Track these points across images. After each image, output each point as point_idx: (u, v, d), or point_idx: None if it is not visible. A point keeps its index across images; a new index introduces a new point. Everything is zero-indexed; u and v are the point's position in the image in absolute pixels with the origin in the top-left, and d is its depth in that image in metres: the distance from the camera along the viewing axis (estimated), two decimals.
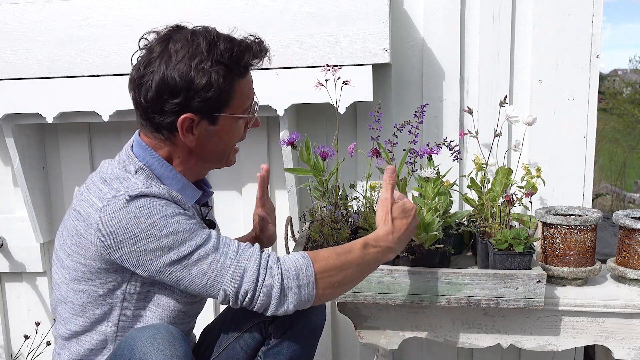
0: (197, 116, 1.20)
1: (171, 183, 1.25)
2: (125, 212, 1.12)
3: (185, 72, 1.16)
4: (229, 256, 1.16)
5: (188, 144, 1.23)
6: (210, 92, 1.17)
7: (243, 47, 1.21)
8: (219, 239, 1.18)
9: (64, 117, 1.93)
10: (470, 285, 1.46)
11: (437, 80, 1.93)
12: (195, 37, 1.19)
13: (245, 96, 1.25)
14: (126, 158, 1.25)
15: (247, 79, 1.25)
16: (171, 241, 1.13)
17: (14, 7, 1.86)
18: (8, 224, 2.15)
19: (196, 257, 1.14)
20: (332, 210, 1.57)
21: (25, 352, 2.21)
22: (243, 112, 1.26)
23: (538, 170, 1.69)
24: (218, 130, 1.24)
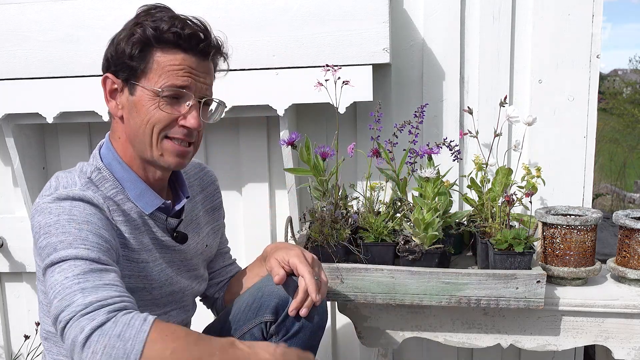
0: (119, 80, 1.21)
1: (130, 187, 1.24)
2: (44, 211, 1.12)
3: (119, 34, 1.21)
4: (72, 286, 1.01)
5: (114, 113, 1.23)
6: (126, 51, 1.17)
7: (173, 20, 1.18)
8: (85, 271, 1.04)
9: (64, 117, 1.93)
10: (470, 285, 1.46)
11: (437, 80, 1.93)
12: (148, 5, 1.22)
13: (164, 72, 1.18)
14: (92, 157, 1.26)
15: (170, 57, 1.18)
16: (59, 242, 1.07)
17: (14, 7, 1.86)
18: (8, 224, 2.15)
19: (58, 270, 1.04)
20: (332, 210, 1.57)
21: (25, 352, 2.21)
22: (158, 89, 1.18)
23: (538, 170, 1.69)
24: (136, 102, 1.19)
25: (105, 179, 1.22)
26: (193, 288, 1.42)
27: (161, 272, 1.29)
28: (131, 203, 1.24)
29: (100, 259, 1.05)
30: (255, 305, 1.35)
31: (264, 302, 1.33)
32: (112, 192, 1.22)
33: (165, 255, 1.31)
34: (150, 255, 1.26)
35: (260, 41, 1.79)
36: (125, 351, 0.92)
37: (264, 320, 1.33)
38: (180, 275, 1.36)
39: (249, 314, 1.35)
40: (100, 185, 1.21)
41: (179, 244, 1.33)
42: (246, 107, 1.86)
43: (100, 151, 1.26)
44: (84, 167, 1.23)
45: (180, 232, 1.34)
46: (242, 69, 1.81)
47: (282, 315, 1.31)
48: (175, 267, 1.34)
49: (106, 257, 1.08)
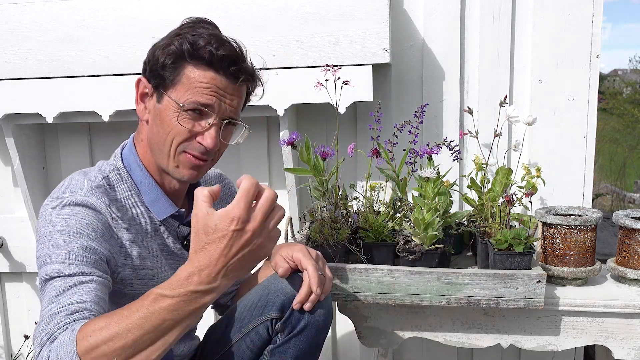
0: (150, 85, 1.23)
1: (145, 192, 1.25)
2: (45, 218, 1.15)
3: (161, 41, 1.22)
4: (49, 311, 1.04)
5: (141, 116, 1.25)
6: (160, 58, 1.20)
7: (212, 38, 1.19)
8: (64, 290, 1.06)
9: (64, 117, 1.93)
10: (470, 285, 1.46)
11: (437, 80, 1.93)
12: (195, 19, 1.25)
13: (192, 87, 1.19)
14: (113, 156, 1.29)
15: (200, 74, 1.20)
16: (47, 255, 1.11)
17: (14, 7, 1.86)
18: (8, 224, 2.15)
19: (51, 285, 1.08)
20: (332, 210, 1.57)
21: (25, 352, 2.21)
22: (182, 103, 1.20)
23: (538, 170, 1.69)
24: (161, 110, 1.22)
25: (122, 180, 1.24)
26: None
27: (165, 279, 1.28)
28: (144, 207, 1.25)
29: (83, 272, 1.09)
30: (261, 303, 1.35)
31: (270, 299, 1.34)
32: (126, 194, 1.23)
33: (173, 263, 1.31)
34: (156, 261, 1.26)
35: (260, 41, 1.79)
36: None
37: (270, 318, 1.33)
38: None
39: (254, 312, 1.36)
40: (117, 185, 1.23)
41: (187, 252, 1.33)
42: (246, 107, 1.86)
43: (122, 151, 1.29)
44: (104, 166, 1.26)
45: (189, 239, 1.35)
46: None
47: (287, 312, 1.32)
48: None
49: (91, 268, 1.10)
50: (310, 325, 1.32)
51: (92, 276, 1.09)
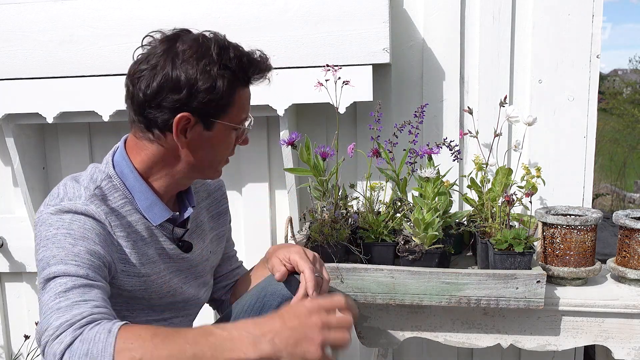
0: (194, 118, 1.18)
1: (140, 198, 1.23)
2: (45, 223, 1.13)
3: (192, 71, 1.15)
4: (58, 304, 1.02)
5: (180, 146, 1.21)
6: (212, 95, 1.16)
7: (251, 58, 1.22)
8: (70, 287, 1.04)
9: (64, 117, 1.93)
10: (470, 285, 1.46)
11: (437, 80, 1.93)
12: (206, 40, 1.19)
13: (242, 108, 1.24)
14: (104, 163, 1.25)
15: (247, 91, 1.25)
16: (52, 256, 1.08)
17: (14, 7, 1.86)
18: (8, 224, 2.15)
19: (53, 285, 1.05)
20: (332, 210, 1.57)
21: (25, 352, 2.21)
22: (238, 124, 1.25)
23: (538, 170, 1.69)
24: (212, 137, 1.22)
25: (115, 188, 1.22)
26: (199, 297, 1.41)
27: (164, 284, 1.29)
28: (139, 214, 1.23)
29: (88, 275, 1.07)
30: (258, 305, 1.35)
31: (267, 301, 1.34)
32: (120, 202, 1.21)
33: (171, 265, 1.31)
34: (154, 267, 1.26)
35: (260, 41, 1.79)
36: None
37: None
38: (188, 284, 1.36)
39: (251, 314, 1.35)
40: (110, 194, 1.21)
41: (184, 253, 1.33)
42: None
43: (113, 157, 1.26)
44: (95, 174, 1.23)
45: (185, 241, 1.34)
46: None
47: None
48: (183, 276, 1.33)
49: (95, 273, 1.09)
50: None
51: (96, 282, 1.08)
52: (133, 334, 0.95)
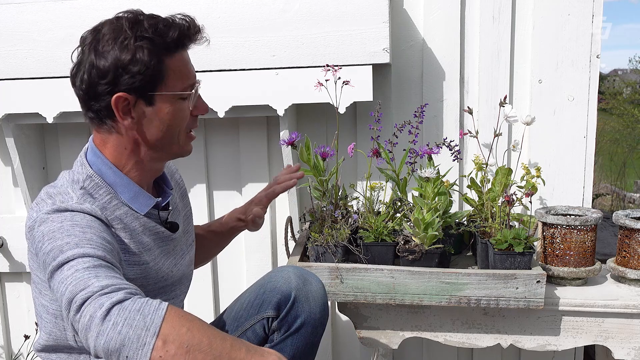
0: (131, 95, 1.18)
1: (122, 191, 1.24)
2: (47, 220, 1.12)
3: (111, 52, 1.16)
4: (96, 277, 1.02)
5: (129, 128, 1.21)
6: (137, 67, 1.16)
7: (168, 23, 1.20)
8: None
9: (64, 117, 1.93)
10: (470, 285, 1.46)
11: (437, 80, 1.93)
12: (119, 19, 1.20)
13: (180, 74, 1.22)
14: (79, 165, 1.25)
15: (179, 57, 1.22)
16: (65, 243, 1.07)
17: (14, 7, 1.86)
18: (8, 224, 2.15)
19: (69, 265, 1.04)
20: (332, 210, 1.57)
21: (25, 352, 2.21)
22: (182, 91, 1.22)
23: (538, 170, 1.69)
24: (157, 111, 1.21)
25: (98, 186, 1.22)
26: (187, 275, 1.43)
27: (159, 270, 1.29)
28: (125, 207, 1.23)
29: (106, 258, 1.07)
30: (257, 302, 1.36)
31: (266, 298, 1.35)
32: (106, 198, 1.21)
33: (164, 249, 1.32)
34: (151, 254, 1.27)
35: (260, 41, 1.79)
36: (145, 323, 0.96)
37: (266, 316, 1.34)
38: (179, 264, 1.38)
39: (251, 310, 1.36)
40: (95, 192, 1.21)
41: (173, 234, 1.35)
42: (246, 107, 1.87)
43: (87, 158, 1.25)
44: (75, 176, 1.22)
45: (171, 222, 1.37)
46: (242, 69, 1.81)
47: (284, 311, 1.32)
48: (172, 257, 1.35)
49: (111, 257, 1.09)
50: (306, 324, 1.32)
51: (114, 265, 1.08)
52: (183, 311, 1.01)
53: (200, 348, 0.98)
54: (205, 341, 0.99)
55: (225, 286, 2.15)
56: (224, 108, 1.82)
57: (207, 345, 0.98)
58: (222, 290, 2.16)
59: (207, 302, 2.13)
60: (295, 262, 1.52)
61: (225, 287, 2.15)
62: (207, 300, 2.13)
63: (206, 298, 2.13)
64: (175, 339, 0.96)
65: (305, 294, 1.33)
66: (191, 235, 1.49)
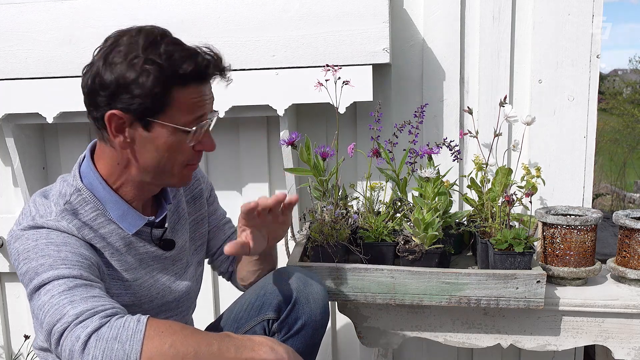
0: (127, 115, 1.12)
1: (112, 208, 1.20)
2: (22, 237, 1.11)
3: (119, 67, 1.11)
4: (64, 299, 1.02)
5: (120, 147, 1.16)
6: (138, 90, 1.10)
7: (186, 54, 1.12)
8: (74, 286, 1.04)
9: (64, 117, 1.93)
10: (470, 285, 1.46)
11: (437, 80, 1.93)
12: (138, 34, 1.13)
13: (188, 107, 1.15)
14: (71, 176, 1.22)
15: (192, 90, 1.15)
16: (39, 265, 1.06)
17: (14, 7, 1.86)
18: (8, 224, 2.15)
19: (45, 290, 1.04)
20: (332, 210, 1.57)
21: (25, 352, 2.21)
22: (185, 125, 1.16)
23: (538, 170, 1.69)
24: (153, 138, 1.15)
25: (85, 201, 1.19)
26: (191, 291, 1.41)
27: (151, 287, 1.28)
28: (113, 224, 1.21)
29: (82, 276, 1.06)
30: (257, 303, 1.35)
31: (267, 299, 1.34)
32: (92, 215, 1.19)
33: (155, 268, 1.30)
34: (135, 273, 1.25)
35: (260, 41, 1.79)
36: (124, 352, 0.94)
37: (266, 318, 1.34)
38: (179, 281, 1.36)
39: (251, 312, 1.36)
40: (80, 208, 1.18)
41: (167, 252, 1.32)
42: (246, 107, 1.86)
43: (80, 169, 1.22)
44: (63, 189, 1.20)
45: (165, 239, 1.33)
46: (242, 69, 1.81)
47: (284, 312, 1.32)
48: (171, 274, 1.34)
49: (88, 273, 1.08)
50: (307, 325, 1.32)
51: (92, 281, 1.06)
52: (163, 324, 0.99)
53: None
54: (191, 351, 0.98)
55: (225, 286, 2.15)
56: (224, 108, 1.82)
57: (193, 356, 0.98)
58: (222, 291, 2.16)
59: (207, 303, 2.13)
60: (295, 262, 1.52)
61: (226, 288, 2.15)
62: (207, 301, 2.13)
63: (206, 298, 2.13)
64: (159, 358, 0.96)
65: (305, 296, 1.33)
66: (198, 241, 1.46)
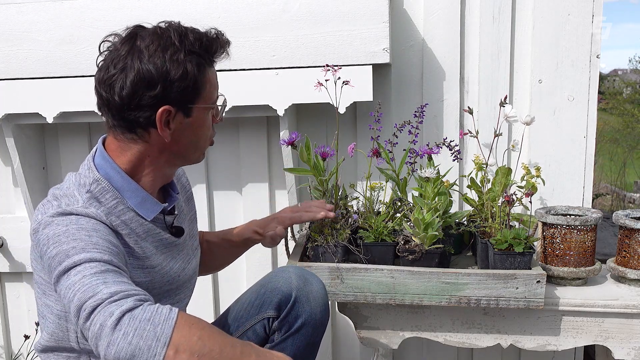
0: (174, 108, 1.19)
1: (130, 196, 1.23)
2: (52, 223, 1.12)
3: (161, 64, 1.15)
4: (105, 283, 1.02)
5: (165, 139, 1.20)
6: (186, 81, 1.17)
7: (210, 37, 1.23)
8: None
9: (64, 117, 1.93)
10: (470, 285, 1.46)
11: (437, 80, 1.93)
12: (165, 31, 1.19)
13: (213, 86, 1.26)
14: (86, 169, 1.23)
15: (213, 70, 1.26)
16: (71, 248, 1.07)
17: (14, 7, 1.86)
18: (8, 224, 2.15)
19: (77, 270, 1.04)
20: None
21: (25, 352, 2.21)
22: (214, 102, 1.27)
23: (538, 170, 1.69)
24: (192, 122, 1.23)
25: (105, 190, 1.21)
26: (192, 280, 1.43)
27: (165, 274, 1.29)
28: (132, 212, 1.23)
29: (113, 262, 1.07)
30: (257, 302, 1.36)
31: (267, 298, 1.35)
32: (112, 203, 1.21)
33: (169, 255, 1.31)
34: (155, 260, 1.26)
35: (260, 41, 1.79)
36: (155, 334, 0.96)
37: (267, 316, 1.34)
38: (188, 267, 1.38)
39: (251, 310, 1.36)
40: (101, 196, 1.20)
41: (177, 239, 1.34)
42: (246, 107, 1.86)
43: (94, 162, 1.24)
44: (81, 180, 1.21)
45: (176, 226, 1.36)
46: (242, 69, 1.81)
47: (284, 311, 1.32)
48: (180, 262, 1.35)
49: (118, 260, 1.09)
50: (307, 324, 1.32)
51: (121, 269, 1.07)
52: (193, 318, 1.03)
53: (211, 356, 0.98)
54: (216, 349, 0.99)
55: (225, 286, 2.15)
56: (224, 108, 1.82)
57: (218, 353, 0.99)
58: (222, 291, 2.16)
59: (207, 302, 2.13)
60: (296, 262, 1.52)
61: (225, 287, 2.15)
62: (207, 301, 2.13)
63: (206, 298, 2.13)
64: (186, 348, 0.97)
65: (306, 294, 1.33)
66: (196, 240, 1.49)
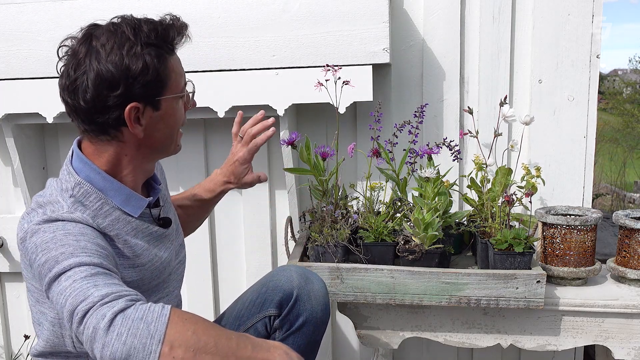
0: (141, 103, 1.16)
1: (114, 195, 1.22)
2: (39, 231, 1.11)
3: (119, 62, 1.13)
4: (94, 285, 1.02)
5: (137, 135, 1.19)
6: (148, 75, 1.15)
7: (165, 25, 1.20)
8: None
9: (64, 117, 1.93)
10: (470, 285, 1.46)
11: (437, 80, 1.93)
12: (119, 27, 1.17)
13: (178, 74, 1.23)
14: (66, 174, 1.22)
15: (176, 57, 1.23)
16: (59, 254, 1.06)
17: (14, 7, 1.86)
18: (8, 224, 2.15)
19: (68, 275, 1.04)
20: (332, 210, 1.57)
21: (25, 352, 2.21)
22: (181, 91, 1.24)
23: (538, 170, 1.69)
24: (162, 114, 1.21)
25: (88, 193, 1.19)
26: (181, 270, 1.43)
27: (155, 269, 1.29)
28: (118, 211, 1.22)
29: (102, 264, 1.06)
30: (259, 301, 1.36)
31: (268, 296, 1.35)
32: (97, 205, 1.20)
33: (161, 246, 1.31)
34: (147, 255, 1.26)
35: (260, 41, 1.79)
36: (149, 332, 0.96)
37: (268, 315, 1.34)
38: (178, 256, 1.38)
39: (252, 309, 1.37)
40: (85, 199, 1.19)
41: (166, 230, 1.34)
42: (246, 107, 1.86)
43: (73, 166, 1.23)
44: (63, 185, 1.20)
45: (163, 217, 1.36)
46: (242, 69, 1.81)
47: (286, 309, 1.33)
48: (172, 251, 1.35)
49: (107, 262, 1.09)
50: (308, 322, 1.33)
51: (111, 271, 1.07)
52: (186, 313, 1.02)
53: (207, 350, 0.98)
54: (212, 342, 0.99)
55: (225, 286, 2.15)
56: (224, 108, 1.82)
57: (213, 347, 0.99)
58: (222, 291, 2.16)
59: (207, 302, 2.13)
60: (296, 262, 1.52)
61: (225, 287, 2.15)
62: (207, 300, 2.13)
63: (206, 298, 2.13)
64: (181, 343, 0.97)
65: (307, 293, 1.33)
66: (177, 222, 1.48)
